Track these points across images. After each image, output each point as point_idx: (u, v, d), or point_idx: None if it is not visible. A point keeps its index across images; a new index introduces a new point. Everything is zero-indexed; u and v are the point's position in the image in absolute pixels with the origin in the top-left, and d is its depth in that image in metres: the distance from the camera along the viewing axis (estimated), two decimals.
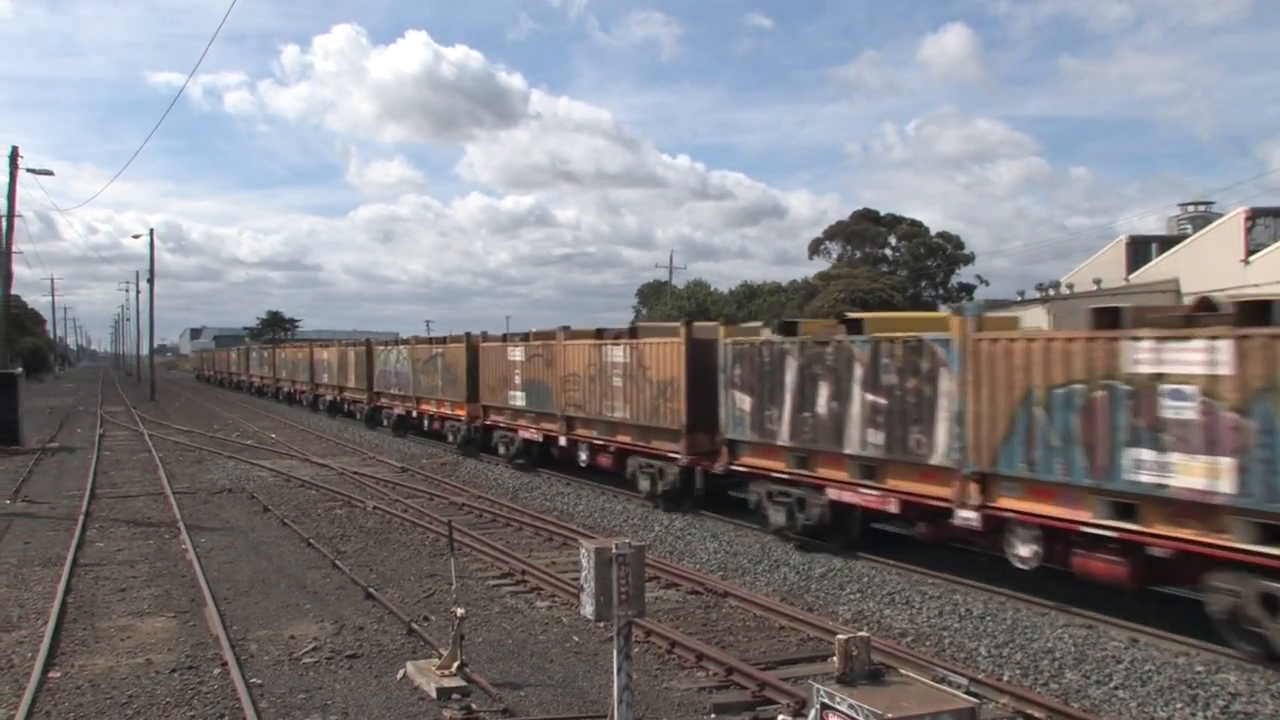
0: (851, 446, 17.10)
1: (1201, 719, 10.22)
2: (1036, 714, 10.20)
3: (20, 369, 44.50)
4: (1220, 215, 50.06)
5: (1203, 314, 12.95)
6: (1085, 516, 13.35)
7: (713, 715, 10.37)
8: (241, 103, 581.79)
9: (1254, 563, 11.45)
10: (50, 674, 11.64)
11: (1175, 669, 11.54)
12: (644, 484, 23.45)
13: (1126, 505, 12.83)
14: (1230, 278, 37.45)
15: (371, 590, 15.25)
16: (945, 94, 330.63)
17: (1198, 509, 12.00)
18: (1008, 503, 14.54)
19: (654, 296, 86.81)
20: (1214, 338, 11.86)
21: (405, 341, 43.81)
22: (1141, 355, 12.56)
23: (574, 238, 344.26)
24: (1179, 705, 10.53)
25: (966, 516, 15.14)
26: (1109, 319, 13.36)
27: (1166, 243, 53.82)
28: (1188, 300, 17.85)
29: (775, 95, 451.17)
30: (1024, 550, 14.51)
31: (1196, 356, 11.99)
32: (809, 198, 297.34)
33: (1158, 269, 46.48)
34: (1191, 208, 70.35)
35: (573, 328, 28.26)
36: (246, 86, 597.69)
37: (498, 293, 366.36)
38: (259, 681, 11.28)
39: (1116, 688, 11.06)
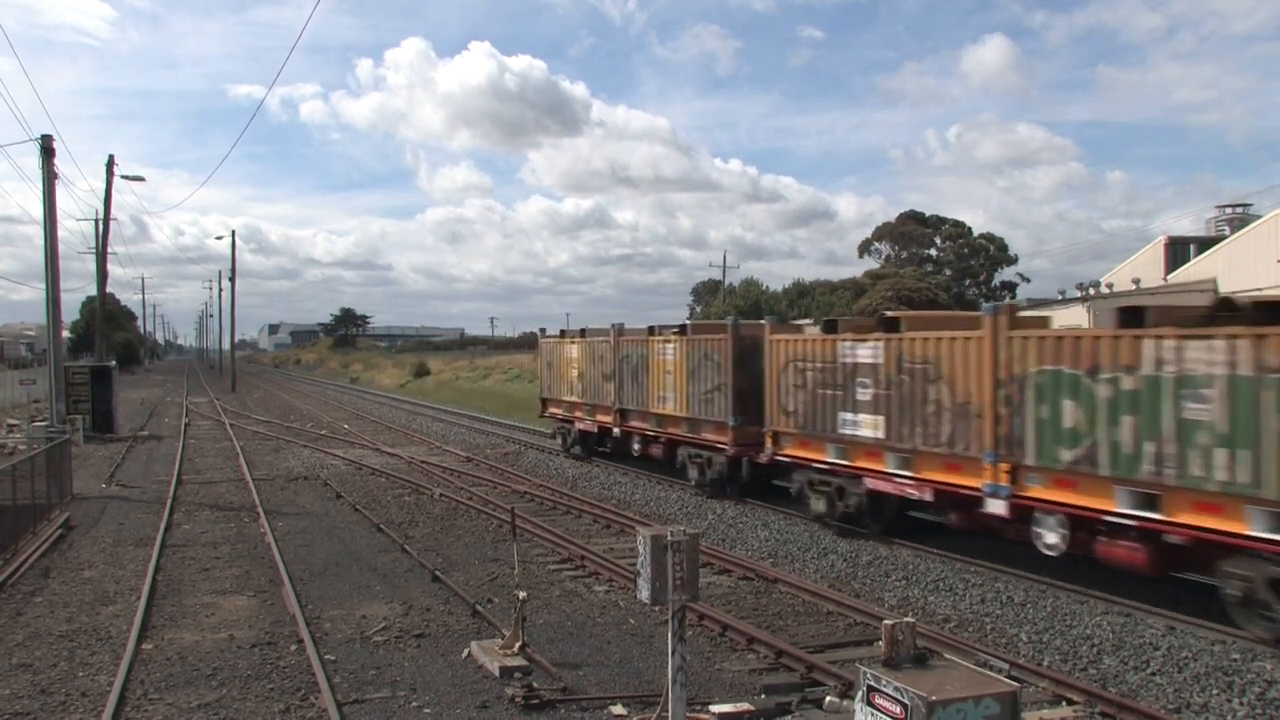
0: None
1: (1237, 704, 10.41)
2: (1075, 698, 10.47)
3: (114, 362, 46.54)
4: (1258, 217, 49.19)
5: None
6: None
7: (763, 696, 10.65)
8: (315, 112, 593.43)
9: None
10: (143, 645, 12.46)
11: (1211, 656, 11.78)
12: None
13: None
14: (1267, 277, 36.91)
15: (438, 573, 15.91)
16: (986, 102, 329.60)
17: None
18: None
19: (709, 294, 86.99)
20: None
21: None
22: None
23: (631, 239, 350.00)
24: (1215, 691, 10.75)
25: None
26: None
27: (1205, 244, 53.04)
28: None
29: (830, 102, 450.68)
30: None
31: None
32: (856, 200, 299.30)
33: (1196, 269, 45.97)
34: (1229, 209, 69.83)
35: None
36: (320, 97, 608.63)
37: (559, 291, 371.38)
38: (333, 658, 11.91)
39: (1154, 674, 11.32)
